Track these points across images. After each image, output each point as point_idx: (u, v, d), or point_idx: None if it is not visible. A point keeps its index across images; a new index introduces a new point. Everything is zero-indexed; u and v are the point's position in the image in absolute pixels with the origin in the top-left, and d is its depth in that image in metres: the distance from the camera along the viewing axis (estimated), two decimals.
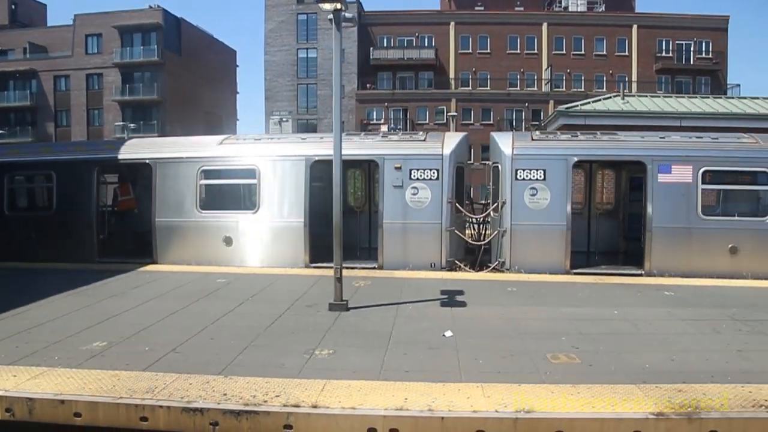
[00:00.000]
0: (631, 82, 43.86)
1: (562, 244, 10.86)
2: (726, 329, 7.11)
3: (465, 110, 43.65)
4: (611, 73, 44.03)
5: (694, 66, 44.27)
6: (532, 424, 4.63)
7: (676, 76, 44.03)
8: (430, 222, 11.31)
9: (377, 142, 12.10)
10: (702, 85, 43.79)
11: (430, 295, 9.06)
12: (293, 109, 44.90)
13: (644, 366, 5.74)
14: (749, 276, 10.45)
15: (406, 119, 42.96)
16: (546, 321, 7.49)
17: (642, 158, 10.83)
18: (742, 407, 4.70)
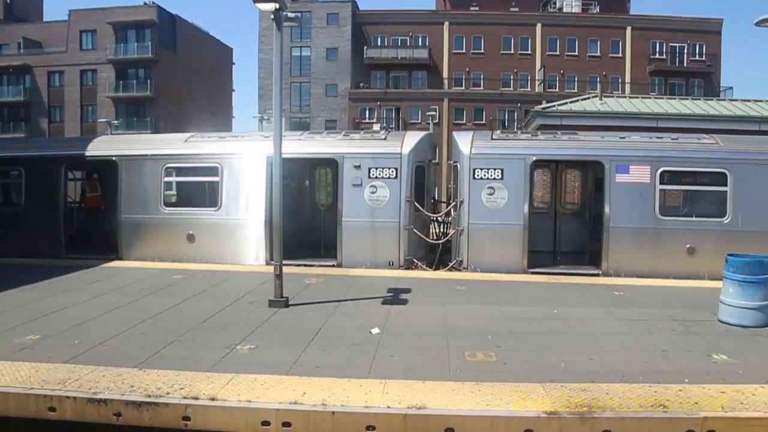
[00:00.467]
0: (624, 84, 43.72)
1: (519, 243, 10.82)
2: (660, 329, 7.07)
3: (457, 110, 43.62)
4: (605, 75, 43.87)
5: (687, 68, 44.09)
6: (421, 421, 4.63)
7: (670, 78, 43.87)
8: (388, 220, 11.30)
9: (338, 141, 12.09)
10: (695, 87, 43.60)
11: (376, 293, 9.04)
12: (286, 107, 44.81)
13: (560, 365, 5.72)
14: (706, 277, 10.38)
15: (398, 118, 42.93)
16: (480, 319, 7.47)
17: (600, 158, 10.78)
18: (640, 407, 4.68)
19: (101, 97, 45.18)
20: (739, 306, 7.22)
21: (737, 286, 7.24)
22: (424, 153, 11.93)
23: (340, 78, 44.64)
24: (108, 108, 45.49)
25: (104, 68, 45.04)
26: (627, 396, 4.88)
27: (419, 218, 11.60)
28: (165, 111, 45.00)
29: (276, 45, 8.54)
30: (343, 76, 44.48)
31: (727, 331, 7.05)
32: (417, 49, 44.43)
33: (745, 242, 10.74)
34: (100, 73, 45.18)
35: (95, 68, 45.09)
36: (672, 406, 4.65)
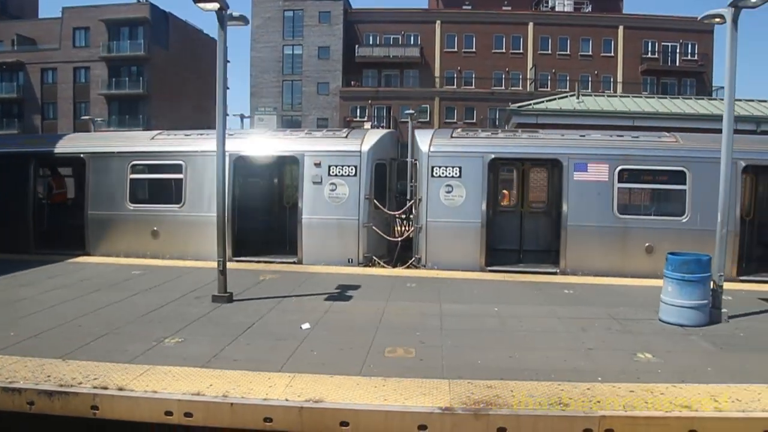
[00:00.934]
0: (616, 83, 43.58)
1: (477, 241, 10.80)
2: (595, 328, 7.05)
3: (448, 109, 43.54)
4: (596, 74, 43.75)
5: (679, 68, 43.92)
6: (317, 414, 4.67)
7: (662, 77, 43.69)
8: (347, 218, 11.30)
9: (300, 139, 12.12)
10: (687, 86, 43.42)
11: (325, 289, 9.06)
12: (278, 105, 44.92)
13: (477, 362, 5.71)
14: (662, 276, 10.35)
15: (389, 117, 42.87)
16: (417, 316, 7.47)
17: (558, 156, 10.75)
18: (539, 405, 4.66)
19: (94, 95, 45.20)
20: (677, 305, 7.20)
21: (675, 285, 7.21)
22: (385, 151, 11.91)
23: (331, 76, 44.61)
24: (101, 105, 45.53)
25: (97, 65, 45.07)
26: (531, 394, 4.87)
27: (380, 216, 11.58)
28: (157, 109, 45.03)
29: (219, 44, 8.56)
30: (335, 75, 44.46)
31: (663, 330, 7.02)
32: (408, 47, 44.36)
33: (704, 241, 10.64)
34: (93, 71, 45.20)
35: (88, 65, 45.12)
36: (573, 405, 4.64)
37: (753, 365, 5.70)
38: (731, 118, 7.87)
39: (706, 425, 4.43)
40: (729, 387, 5.05)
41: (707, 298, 7.28)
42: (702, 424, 4.43)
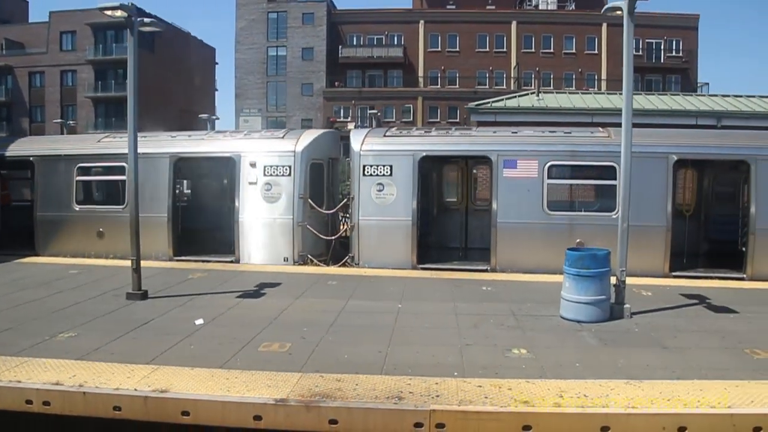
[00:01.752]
0: (600, 81, 43.47)
1: (408, 239, 10.80)
2: (489, 324, 7.03)
3: (432, 108, 43.49)
4: (580, 72, 43.63)
5: (664, 64, 43.69)
6: (160, 403, 4.79)
7: (647, 74, 43.43)
8: (282, 217, 11.37)
9: (238, 140, 12.20)
10: (672, 83, 43.25)
11: (244, 287, 9.14)
12: (263, 106, 45.04)
13: (344, 357, 5.75)
14: None
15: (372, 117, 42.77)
16: (316, 313, 7.50)
17: (488, 153, 10.75)
18: (375, 398, 4.67)
19: (81, 98, 45.40)
20: (574, 300, 7.17)
21: (572, 281, 7.19)
22: (322, 151, 11.93)
23: (315, 77, 44.68)
24: (88, 108, 45.73)
25: (84, 69, 45.25)
26: (374, 387, 4.88)
27: (317, 215, 11.60)
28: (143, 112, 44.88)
29: (129, 50, 8.63)
30: (319, 76, 44.53)
31: (557, 327, 6.99)
32: (392, 47, 44.37)
33: (634, 237, 10.56)
34: (79, 74, 45.39)
35: (75, 69, 45.32)
36: (410, 399, 4.65)
37: (627, 361, 5.68)
38: (629, 112, 7.86)
39: (540, 420, 4.42)
40: (585, 382, 5.03)
41: (606, 294, 7.23)
42: (536, 419, 4.42)
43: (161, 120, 45.26)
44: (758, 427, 4.48)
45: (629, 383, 5.00)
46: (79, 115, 45.57)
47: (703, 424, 4.47)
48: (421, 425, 4.45)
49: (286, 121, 44.62)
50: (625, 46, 7.81)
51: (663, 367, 5.51)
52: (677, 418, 4.44)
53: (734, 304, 8.28)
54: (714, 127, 17.64)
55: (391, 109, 42.89)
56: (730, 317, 7.64)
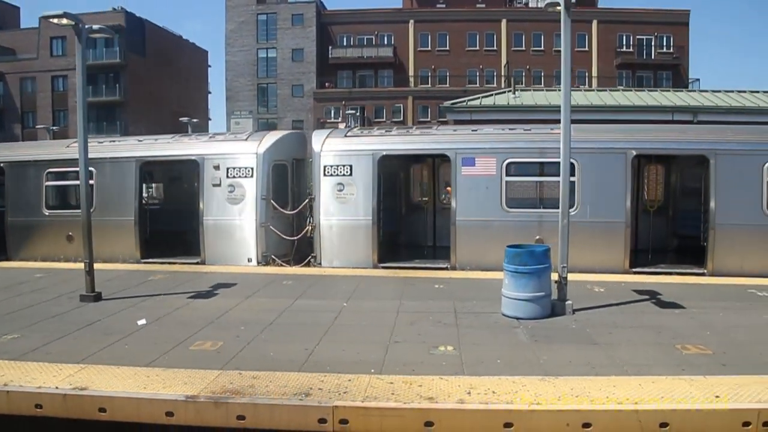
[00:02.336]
0: (591, 78, 43.45)
1: (369, 238, 10.85)
2: (427, 322, 7.04)
3: (422, 108, 43.52)
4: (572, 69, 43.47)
5: (655, 61, 43.65)
6: (78, 400, 4.88)
7: (637, 71, 43.45)
8: (245, 218, 11.44)
9: (202, 143, 12.28)
10: (663, 79, 43.17)
11: (199, 287, 9.23)
12: (254, 108, 45.15)
13: (269, 354, 5.82)
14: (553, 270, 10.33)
15: (363, 117, 42.90)
16: (260, 312, 7.57)
17: (446, 151, 10.78)
18: (284, 394, 4.72)
19: (72, 103, 45.53)
20: (512, 297, 7.20)
21: (511, 277, 7.21)
22: (285, 152, 11.99)
23: (306, 78, 44.78)
24: None
25: (74, 74, 45.23)
26: (286, 384, 4.94)
27: (281, 215, 11.65)
28: (135, 115, 45.34)
29: (78, 57, 8.72)
30: (309, 77, 44.63)
31: (494, 324, 7.00)
32: (382, 47, 44.44)
33: (593, 233, 10.69)
34: (70, 79, 45.49)
35: (66, 74, 45.48)
36: (316, 395, 4.70)
37: (551, 357, 5.70)
38: (568, 108, 7.91)
39: (442, 417, 4.45)
40: (498, 379, 5.04)
41: (545, 290, 7.25)
42: (438, 415, 4.45)
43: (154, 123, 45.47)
44: (664, 423, 4.48)
45: (544, 380, 5.02)
46: (71, 120, 45.71)
47: (609, 420, 4.48)
48: (324, 421, 4.50)
49: (277, 123, 44.72)
50: (563, 41, 7.87)
51: (585, 363, 5.52)
52: (582, 414, 4.46)
53: (685, 300, 8.29)
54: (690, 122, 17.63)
55: (381, 108, 42.97)
56: (675, 313, 7.64)
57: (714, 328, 6.86)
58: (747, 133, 11.18)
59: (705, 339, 6.36)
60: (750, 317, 7.44)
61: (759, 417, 4.55)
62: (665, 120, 17.58)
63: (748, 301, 8.35)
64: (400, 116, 42.84)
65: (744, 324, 7.10)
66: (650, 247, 12.50)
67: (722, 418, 4.56)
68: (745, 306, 8.06)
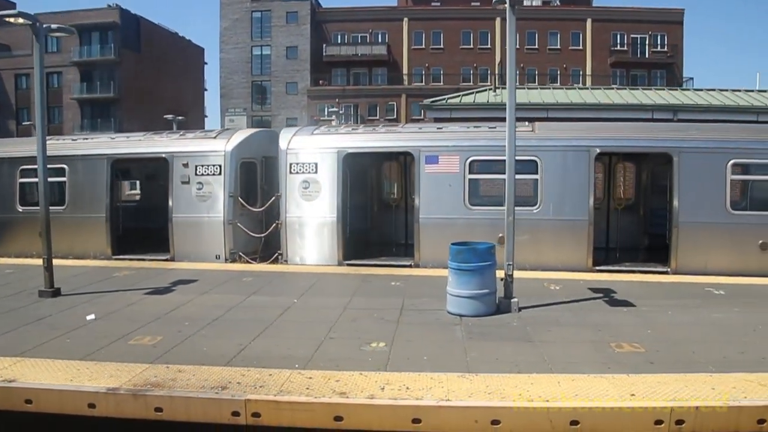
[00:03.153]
0: (585, 76, 43.36)
1: (334, 235, 10.91)
2: (370, 319, 7.11)
3: (416, 105, 43.45)
4: (565, 67, 43.55)
5: (649, 59, 43.57)
6: (6, 392, 5.02)
7: (631, 69, 43.37)
8: (212, 216, 11.52)
9: (172, 141, 12.37)
10: (657, 78, 43.06)
11: (160, 284, 9.32)
12: (248, 106, 45.23)
13: (202, 349, 5.90)
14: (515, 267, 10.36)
15: (357, 115, 42.97)
16: (210, 308, 7.66)
17: (410, 149, 10.83)
18: (202, 388, 4.81)
19: (67, 99, 45.80)
20: (456, 295, 7.26)
21: (454, 275, 7.28)
22: (254, 150, 12.04)
23: (300, 76, 44.84)
24: (74, 110, 46.11)
25: (69, 70, 45.65)
26: (207, 377, 5.03)
27: (249, 213, 11.71)
28: (129, 112, 45.45)
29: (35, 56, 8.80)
30: (303, 74, 44.67)
31: (436, 321, 7.05)
32: (375, 45, 44.46)
33: (556, 231, 10.74)
34: (65, 76, 45.78)
35: (60, 71, 45.67)
36: (233, 389, 4.78)
37: (479, 354, 5.74)
38: (513, 107, 7.92)
39: (351, 412, 4.52)
40: (418, 375, 5.10)
41: (489, 288, 7.29)
42: (347, 410, 4.53)
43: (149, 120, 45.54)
44: (575, 421, 4.52)
45: (463, 376, 5.07)
46: (66, 117, 46.03)
47: (518, 417, 4.52)
48: (238, 414, 4.59)
49: (271, 120, 44.82)
50: (508, 39, 7.90)
51: (511, 361, 5.56)
52: (491, 411, 4.51)
53: (639, 298, 8.30)
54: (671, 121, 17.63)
55: (375, 106, 43.00)
56: (623, 311, 7.68)
57: (657, 326, 6.88)
58: (712, 131, 11.22)
59: (643, 337, 6.40)
60: (698, 316, 7.47)
61: (671, 415, 4.58)
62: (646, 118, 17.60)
63: (703, 300, 8.37)
64: (394, 114, 42.87)
65: (689, 322, 7.14)
66: (618, 245, 12.53)
67: (634, 416, 4.58)
68: (698, 304, 8.08)
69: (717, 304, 8.13)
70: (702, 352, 5.93)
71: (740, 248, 10.31)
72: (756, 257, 10.27)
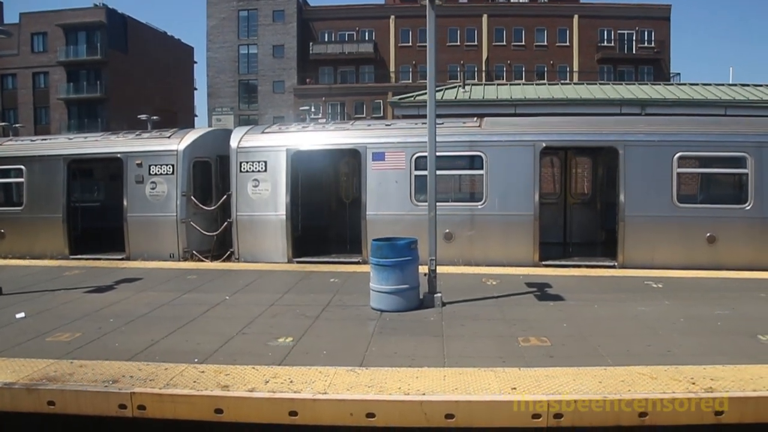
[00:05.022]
0: (572, 73, 43.38)
1: (283, 233, 11.02)
2: (291, 315, 7.20)
3: None
4: (552, 64, 43.57)
5: (636, 55, 43.58)
6: None
7: (619, 65, 43.40)
8: (166, 215, 11.64)
9: (128, 141, 12.46)
10: (645, 74, 43.10)
11: (105, 282, 9.41)
12: (235, 104, 45.32)
13: (114, 345, 6.04)
14: (461, 262, 10.52)
15: (344, 113, 43.03)
16: (141, 306, 7.79)
17: (357, 146, 10.94)
18: (93, 381, 4.95)
19: (54, 99, 45.88)
20: (377, 290, 7.37)
21: (374, 270, 7.38)
22: (208, 149, 12.13)
23: (287, 74, 44.91)
24: (61, 110, 46.20)
25: (56, 70, 45.74)
26: (103, 372, 5.16)
27: (203, 212, 11.80)
28: (116, 111, 45.45)
29: None
30: (290, 73, 44.75)
31: (356, 316, 7.13)
32: (362, 43, 44.51)
33: (502, 226, 10.82)
34: (52, 76, 45.86)
35: (47, 70, 45.82)
36: (123, 382, 4.91)
37: (380, 348, 5.82)
38: (433, 103, 8.02)
39: (230, 404, 4.63)
40: (308, 369, 5.18)
41: (409, 283, 7.38)
42: (227, 403, 4.63)
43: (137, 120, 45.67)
44: (450, 414, 4.57)
45: (352, 370, 5.16)
46: (53, 117, 46.09)
47: (393, 410, 4.59)
48: (125, 407, 4.71)
49: (258, 119, 44.86)
50: (429, 36, 8.00)
51: (409, 355, 5.62)
52: (366, 404, 4.59)
53: (572, 292, 8.39)
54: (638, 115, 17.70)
55: (362, 104, 43.07)
56: (548, 305, 7.74)
57: (575, 320, 6.92)
58: (659, 124, 11.30)
59: (555, 331, 6.43)
60: (623, 310, 7.49)
61: (549, 409, 4.60)
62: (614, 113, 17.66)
63: (637, 293, 8.40)
64: (380, 112, 42.88)
65: (610, 316, 7.17)
66: (574, 240, 12.62)
67: (510, 409, 4.61)
68: (629, 298, 8.11)
69: (649, 297, 8.17)
70: (608, 345, 5.97)
71: (688, 242, 10.36)
72: (704, 250, 10.32)
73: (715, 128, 11.01)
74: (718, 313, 7.24)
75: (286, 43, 44.77)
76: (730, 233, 10.30)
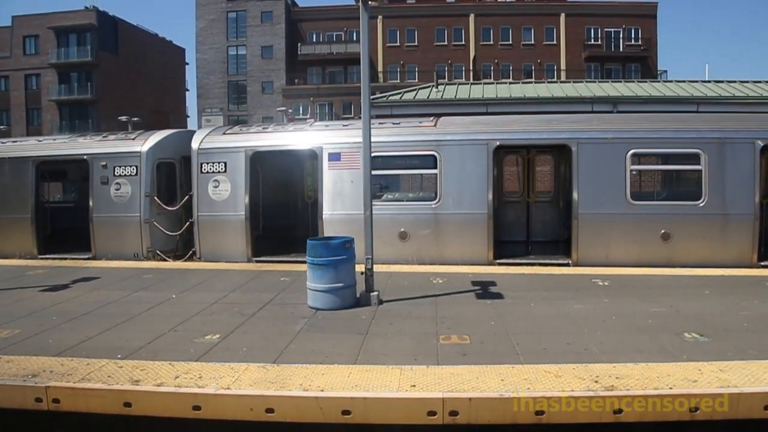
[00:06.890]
0: (560, 71, 43.55)
1: (242, 233, 11.24)
2: (229, 312, 7.39)
3: None
4: (539, 62, 43.75)
5: (623, 53, 43.77)
6: None
7: (606, 63, 43.57)
8: (131, 215, 11.88)
9: (94, 143, 12.70)
10: (632, 72, 43.29)
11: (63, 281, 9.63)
12: (224, 105, 45.55)
13: (48, 342, 6.24)
14: (415, 261, 10.71)
15: (332, 113, 43.25)
16: (86, 303, 8.02)
17: (313, 147, 11.15)
18: (14, 375, 5.18)
19: (45, 101, 46.14)
20: (312, 288, 7.55)
21: (309, 269, 7.56)
22: (172, 150, 12.36)
23: (275, 75, 45.13)
24: (53, 111, 46.45)
25: (47, 72, 46.02)
26: (27, 366, 5.38)
27: (167, 212, 12.03)
28: (107, 113, 45.66)
29: None
30: (279, 74, 44.97)
31: (291, 314, 7.29)
32: (351, 44, 44.67)
33: (456, 225, 11.00)
34: (43, 78, 46.14)
35: (39, 72, 46.11)
36: (44, 376, 5.13)
37: (299, 346, 5.98)
38: (367, 101, 8.23)
39: (137, 398, 4.85)
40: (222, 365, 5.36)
41: (344, 281, 7.56)
42: (135, 397, 4.83)
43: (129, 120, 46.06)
44: (347, 411, 4.70)
45: (263, 367, 5.33)
46: (44, 119, 46.34)
47: (290, 406, 4.74)
48: (40, 400, 4.93)
49: (247, 119, 45.11)
50: (362, 36, 8.21)
51: (324, 352, 5.76)
52: (265, 400, 4.75)
53: (514, 290, 8.52)
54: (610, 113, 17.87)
55: (350, 104, 43.25)
56: (486, 303, 7.84)
57: (505, 318, 7.00)
58: (612, 122, 11.44)
59: (480, 329, 6.51)
60: (559, 307, 7.55)
61: (444, 406, 4.67)
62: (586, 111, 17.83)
63: (579, 291, 8.47)
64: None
65: (544, 314, 7.23)
66: (535, 239, 12.76)
67: (407, 406, 4.70)
68: (570, 296, 8.19)
69: (591, 295, 8.22)
70: (527, 343, 6.02)
71: (642, 239, 10.48)
72: (658, 247, 10.45)
73: (670, 125, 11.06)
74: (654, 310, 7.29)
75: (274, 44, 45.00)
76: (685, 230, 10.41)
